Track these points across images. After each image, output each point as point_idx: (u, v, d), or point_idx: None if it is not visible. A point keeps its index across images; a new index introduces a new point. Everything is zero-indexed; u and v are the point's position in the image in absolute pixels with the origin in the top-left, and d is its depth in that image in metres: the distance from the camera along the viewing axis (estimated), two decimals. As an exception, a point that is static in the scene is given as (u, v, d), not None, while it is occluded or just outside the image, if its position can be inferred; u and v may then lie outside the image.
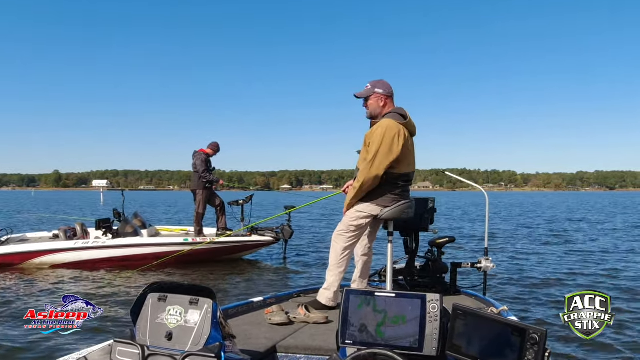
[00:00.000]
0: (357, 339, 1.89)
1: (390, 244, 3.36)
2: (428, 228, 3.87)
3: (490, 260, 3.80)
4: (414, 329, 1.84)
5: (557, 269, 8.05)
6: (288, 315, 2.94)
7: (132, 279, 7.33)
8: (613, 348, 4.19)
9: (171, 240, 8.36)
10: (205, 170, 8.59)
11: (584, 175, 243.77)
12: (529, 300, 5.81)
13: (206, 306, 1.84)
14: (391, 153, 3.15)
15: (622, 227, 16.83)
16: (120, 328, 4.52)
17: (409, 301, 1.89)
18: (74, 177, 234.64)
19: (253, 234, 8.75)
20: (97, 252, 8.04)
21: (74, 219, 11.34)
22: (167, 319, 1.87)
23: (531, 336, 1.59)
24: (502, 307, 2.97)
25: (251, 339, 2.59)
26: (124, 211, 8.55)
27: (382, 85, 3.37)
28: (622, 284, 6.85)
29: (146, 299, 1.93)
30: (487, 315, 1.79)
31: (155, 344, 1.84)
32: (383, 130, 3.18)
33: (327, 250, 10.40)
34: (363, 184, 3.21)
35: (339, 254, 3.32)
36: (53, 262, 7.98)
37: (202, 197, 8.63)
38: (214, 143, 9.04)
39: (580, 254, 9.90)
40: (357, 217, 3.28)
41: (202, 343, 1.79)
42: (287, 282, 7.19)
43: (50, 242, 8.25)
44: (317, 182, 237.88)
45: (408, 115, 3.31)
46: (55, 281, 7.04)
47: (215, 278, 7.44)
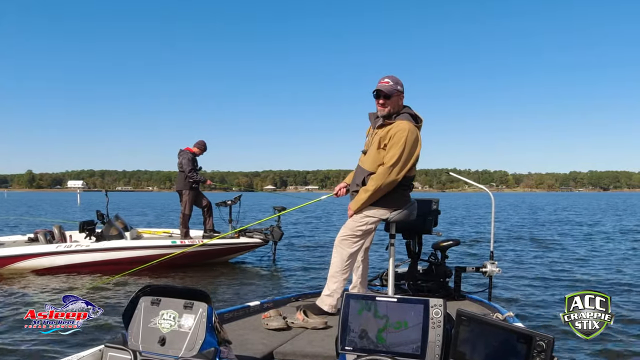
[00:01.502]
0: (357, 345, 1.88)
1: (392, 247, 3.34)
2: (432, 230, 3.85)
3: (495, 265, 3.78)
4: (417, 335, 1.82)
5: (566, 274, 8.02)
6: (286, 320, 2.92)
7: (122, 282, 7.30)
8: (623, 356, 4.16)
9: (159, 243, 8.20)
10: (192, 170, 8.47)
11: (577, 175, 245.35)
12: (535, 306, 5.79)
13: (201, 310, 1.83)
14: (411, 159, 3.12)
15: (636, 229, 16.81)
16: (111, 332, 4.50)
17: (411, 306, 1.87)
18: (48, 178, 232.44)
19: (241, 236, 8.65)
20: (82, 255, 7.85)
21: (51, 221, 11.25)
22: (160, 324, 1.85)
23: (538, 343, 1.57)
24: (507, 313, 2.95)
25: (247, 344, 2.57)
26: (107, 213, 8.38)
27: (400, 82, 3.26)
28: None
29: (138, 302, 1.92)
30: (492, 321, 1.77)
31: (147, 349, 1.82)
32: (405, 134, 3.08)
33: (318, 252, 10.55)
34: (379, 189, 3.12)
35: (344, 260, 3.24)
36: (34, 267, 7.77)
37: (188, 197, 8.51)
38: (201, 141, 8.93)
39: (591, 258, 9.87)
40: (365, 222, 3.22)
41: (196, 348, 1.77)
42: (278, 286, 7.13)
43: (31, 246, 8.01)
44: (302, 182, 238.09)
45: (419, 116, 3.26)
46: (38, 286, 6.94)
47: (205, 282, 7.39)
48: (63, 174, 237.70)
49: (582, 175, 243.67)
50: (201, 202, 8.77)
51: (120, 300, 6.09)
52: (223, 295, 6.42)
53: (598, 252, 10.89)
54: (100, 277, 7.57)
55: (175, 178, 9.05)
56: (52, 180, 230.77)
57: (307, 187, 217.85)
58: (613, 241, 13.15)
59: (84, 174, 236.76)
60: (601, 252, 10.80)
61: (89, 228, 8.16)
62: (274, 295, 5.87)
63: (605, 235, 14.69)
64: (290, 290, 6.74)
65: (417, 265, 3.91)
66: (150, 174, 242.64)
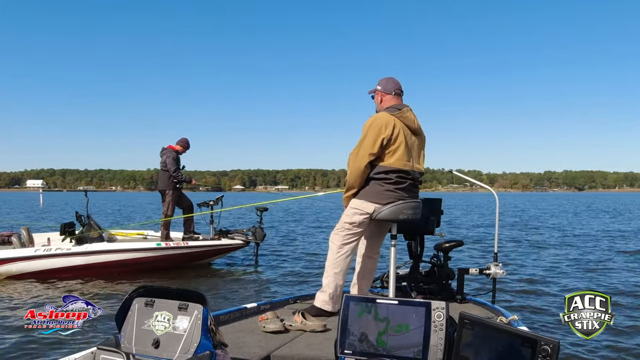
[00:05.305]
0: (356, 348, 1.89)
1: (393, 248, 3.35)
2: (434, 231, 3.86)
3: (499, 266, 3.80)
4: (418, 338, 1.83)
5: (572, 277, 8.05)
6: (283, 323, 2.93)
7: (110, 284, 7.30)
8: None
9: (144, 246, 8.14)
10: (177, 169, 8.43)
11: (551, 175, 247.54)
12: (540, 309, 5.81)
13: (196, 312, 1.84)
14: (375, 142, 3.22)
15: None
16: (103, 334, 4.51)
17: (412, 309, 1.88)
18: (5, 177, 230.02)
19: (222, 237, 8.62)
20: (64, 259, 7.66)
21: (17, 223, 11.09)
22: (154, 325, 1.86)
23: (543, 347, 1.58)
24: (512, 316, 2.96)
25: (244, 347, 2.58)
26: (88, 214, 8.27)
27: (383, 82, 3.50)
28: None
29: (132, 303, 1.93)
30: (496, 324, 1.78)
31: (141, 352, 1.83)
32: (370, 121, 3.31)
33: (305, 253, 10.52)
34: (350, 175, 3.32)
35: (334, 254, 3.36)
36: (8, 273, 7.59)
37: (171, 198, 8.45)
38: (184, 139, 8.86)
39: (598, 259, 9.90)
40: (351, 214, 3.33)
41: (191, 351, 1.78)
42: (261, 289, 7.11)
43: (5, 250, 7.76)
44: (271, 182, 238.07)
45: (404, 108, 3.36)
46: (22, 291, 6.91)
47: (194, 284, 7.39)
48: (22, 173, 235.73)
49: (557, 175, 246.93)
50: (183, 203, 8.72)
51: (109, 302, 6.09)
52: (218, 297, 6.43)
53: (606, 254, 10.93)
54: (91, 279, 7.57)
55: (157, 177, 8.92)
56: (9, 179, 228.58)
57: (277, 187, 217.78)
58: (621, 242, 13.18)
59: (44, 173, 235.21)
60: (608, 254, 10.83)
61: (70, 230, 7.99)
62: (269, 297, 5.89)
63: (611, 237, 14.73)
64: (275, 292, 6.77)
65: (419, 267, 3.92)
66: (114, 173, 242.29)
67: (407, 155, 3.30)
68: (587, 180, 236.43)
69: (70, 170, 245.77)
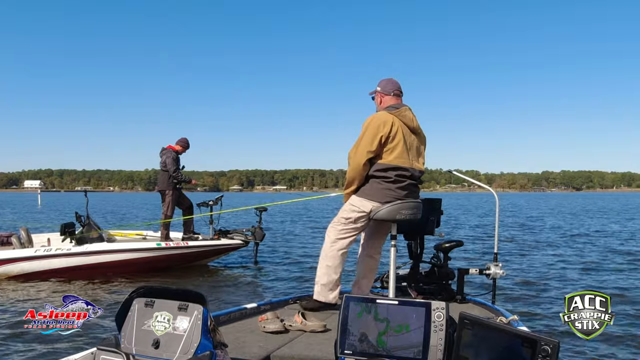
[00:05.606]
0: (356, 348, 1.89)
1: (393, 248, 3.36)
2: (434, 231, 3.87)
3: (500, 267, 3.80)
4: (418, 338, 1.84)
5: (572, 277, 8.05)
6: (283, 323, 2.94)
7: (110, 284, 7.30)
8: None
9: (143, 246, 8.15)
10: (177, 169, 8.45)
11: (549, 175, 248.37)
12: (540, 309, 5.82)
13: (196, 312, 1.84)
14: (375, 140, 3.27)
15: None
16: (103, 335, 4.52)
17: (412, 309, 1.89)
18: (3, 177, 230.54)
19: (222, 237, 8.63)
20: (64, 260, 7.66)
21: (16, 223, 11.07)
22: (154, 326, 1.86)
23: (543, 348, 1.59)
24: (512, 317, 2.96)
25: (244, 347, 2.59)
26: (88, 214, 8.28)
27: (383, 83, 3.56)
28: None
29: (132, 304, 1.93)
30: (496, 325, 1.79)
31: (141, 352, 1.84)
32: (369, 119, 3.36)
33: (305, 253, 10.52)
34: (348, 171, 3.38)
35: (327, 246, 3.42)
36: (9, 274, 7.61)
37: (171, 198, 8.46)
38: (183, 139, 8.87)
39: (599, 260, 9.91)
40: (348, 210, 3.38)
41: (191, 352, 1.78)
42: (261, 289, 7.12)
43: (5, 251, 7.79)
44: (269, 182, 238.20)
45: (403, 107, 3.40)
46: (22, 292, 6.92)
47: (194, 284, 7.39)
48: (19, 174, 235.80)
49: (555, 175, 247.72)
50: (183, 203, 8.74)
51: (109, 302, 6.10)
52: (218, 297, 6.43)
53: (605, 254, 10.93)
54: (94, 279, 7.58)
55: (157, 177, 8.96)
56: (7, 179, 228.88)
57: (274, 187, 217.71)
58: (620, 243, 13.19)
59: (42, 174, 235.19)
60: (607, 254, 10.83)
61: (70, 230, 7.99)
62: (269, 298, 5.89)
63: (612, 238, 14.73)
64: (277, 292, 6.77)
65: (419, 267, 3.93)
66: (112, 173, 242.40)
67: (405, 153, 3.32)
68: (585, 180, 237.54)
69: (68, 171, 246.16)
